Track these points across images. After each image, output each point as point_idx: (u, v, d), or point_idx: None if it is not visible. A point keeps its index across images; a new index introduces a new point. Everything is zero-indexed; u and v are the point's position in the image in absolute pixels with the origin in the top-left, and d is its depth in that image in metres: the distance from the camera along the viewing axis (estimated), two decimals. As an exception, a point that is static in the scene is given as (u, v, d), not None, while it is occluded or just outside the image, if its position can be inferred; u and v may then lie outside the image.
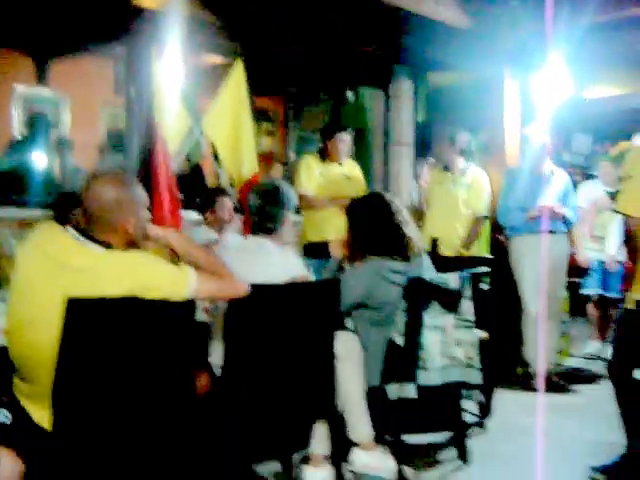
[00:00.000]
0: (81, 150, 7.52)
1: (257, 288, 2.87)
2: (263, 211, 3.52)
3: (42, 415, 2.47)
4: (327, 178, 5.77)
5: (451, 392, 3.84)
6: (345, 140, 5.84)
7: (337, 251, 4.05)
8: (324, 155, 5.87)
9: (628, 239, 3.74)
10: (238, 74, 5.78)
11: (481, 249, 6.24)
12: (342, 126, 6.35)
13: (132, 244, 2.65)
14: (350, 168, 5.97)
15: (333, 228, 5.41)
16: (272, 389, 3.11)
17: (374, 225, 3.82)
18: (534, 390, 5.29)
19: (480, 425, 4.38)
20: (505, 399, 4.88)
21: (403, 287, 3.66)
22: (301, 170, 5.86)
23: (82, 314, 2.38)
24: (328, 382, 3.28)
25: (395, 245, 3.78)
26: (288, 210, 3.55)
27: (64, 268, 2.45)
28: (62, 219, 4.45)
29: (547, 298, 5.21)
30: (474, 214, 5.95)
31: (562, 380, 5.67)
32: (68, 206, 4.52)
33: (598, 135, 8.80)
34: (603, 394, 3.98)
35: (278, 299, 3.11)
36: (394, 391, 3.63)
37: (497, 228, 6.05)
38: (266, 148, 9.85)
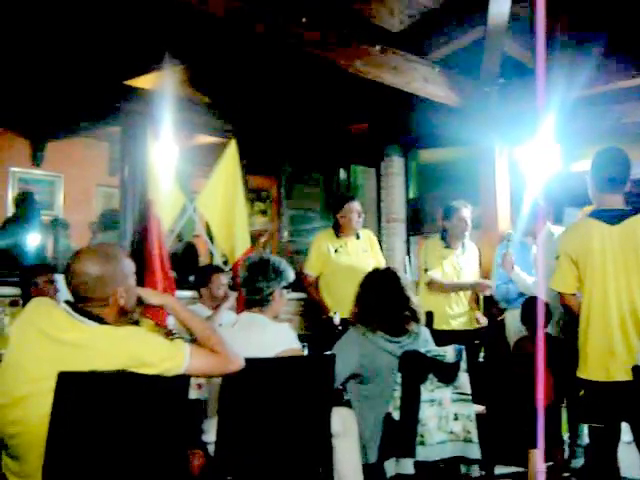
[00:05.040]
0: (76, 229, 7.56)
1: (251, 362, 2.84)
2: (251, 285, 3.52)
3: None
4: (342, 254, 5.69)
5: (450, 468, 3.76)
6: (355, 209, 5.70)
7: None
8: (337, 230, 5.78)
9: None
10: (232, 154, 5.85)
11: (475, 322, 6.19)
12: (350, 196, 6.30)
13: (126, 314, 2.63)
14: (366, 240, 5.85)
15: None
16: (267, 467, 3.05)
17: (384, 299, 3.83)
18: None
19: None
20: (506, 475, 4.77)
21: (399, 358, 3.63)
22: (311, 249, 5.83)
23: (74, 389, 2.34)
24: (324, 459, 3.23)
25: (398, 320, 3.79)
26: (278, 284, 3.54)
27: (57, 343, 2.42)
28: (26, 288, 4.58)
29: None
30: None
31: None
32: (30, 276, 4.61)
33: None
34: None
35: (272, 373, 3.08)
36: (391, 468, 3.56)
37: (491, 301, 6.02)
38: (259, 227, 9.89)
